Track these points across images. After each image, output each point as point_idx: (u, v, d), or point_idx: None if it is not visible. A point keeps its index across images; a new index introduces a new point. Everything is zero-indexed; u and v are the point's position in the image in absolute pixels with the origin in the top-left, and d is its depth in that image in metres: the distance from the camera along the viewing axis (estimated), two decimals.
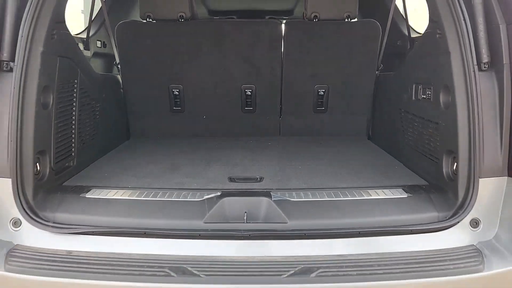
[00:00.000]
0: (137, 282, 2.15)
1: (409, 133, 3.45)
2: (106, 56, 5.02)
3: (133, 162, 3.54)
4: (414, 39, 4.39)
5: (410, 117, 3.43)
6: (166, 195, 2.70)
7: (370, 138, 4.57)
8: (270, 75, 4.37)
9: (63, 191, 2.77)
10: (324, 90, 4.41)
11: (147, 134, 4.53)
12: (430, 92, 3.02)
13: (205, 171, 3.27)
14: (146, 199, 2.67)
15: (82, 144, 3.30)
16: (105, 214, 2.53)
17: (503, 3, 2.45)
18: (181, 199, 2.67)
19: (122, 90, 4.46)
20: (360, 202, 2.64)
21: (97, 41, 4.87)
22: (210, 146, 4.09)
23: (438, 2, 2.64)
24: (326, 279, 2.16)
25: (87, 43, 4.42)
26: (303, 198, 2.68)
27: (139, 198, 2.69)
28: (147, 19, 4.08)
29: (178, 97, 4.40)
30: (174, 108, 4.46)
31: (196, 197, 2.67)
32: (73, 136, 3.15)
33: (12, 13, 2.47)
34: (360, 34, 4.26)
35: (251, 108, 4.49)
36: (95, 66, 4.26)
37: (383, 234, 2.41)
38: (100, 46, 4.94)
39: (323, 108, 4.49)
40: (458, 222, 2.44)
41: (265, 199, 2.55)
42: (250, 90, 4.41)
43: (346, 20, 4.08)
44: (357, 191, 2.75)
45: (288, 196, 2.67)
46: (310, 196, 2.70)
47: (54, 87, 2.81)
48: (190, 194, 2.71)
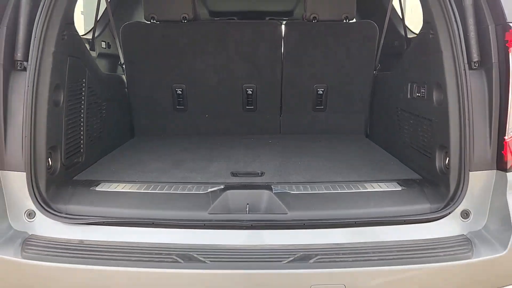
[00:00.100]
0: (146, 267, 2.26)
1: (405, 130, 3.51)
2: (110, 56, 5.07)
3: (139, 158, 3.62)
4: (410, 39, 4.42)
5: (406, 115, 3.49)
6: (172, 188, 2.80)
7: (368, 136, 4.61)
8: (271, 75, 4.41)
9: (74, 185, 2.88)
10: (323, 89, 4.46)
11: (151, 132, 4.57)
12: (424, 90, 3.10)
13: (208, 166, 3.34)
14: (153, 192, 2.77)
15: (90, 141, 3.38)
16: (114, 206, 2.63)
17: (492, 5, 2.52)
18: (186, 192, 2.77)
19: (126, 90, 4.51)
20: (356, 195, 2.73)
21: (101, 41, 4.92)
22: (212, 143, 4.14)
23: (431, 4, 2.73)
24: (324, 265, 2.27)
25: (92, 44, 4.45)
26: (302, 191, 2.77)
27: (147, 191, 2.78)
28: (151, 20, 4.13)
29: (181, 96, 4.45)
30: (177, 106, 4.50)
31: (201, 190, 2.76)
32: (81, 133, 3.24)
33: (25, 15, 2.56)
34: (358, 34, 4.30)
35: (252, 107, 4.54)
36: (100, 67, 4.29)
37: (378, 224, 2.50)
38: (105, 47, 4.99)
39: (322, 107, 4.54)
40: (450, 213, 2.53)
41: (266, 191, 2.64)
42: (251, 89, 4.46)
43: (344, 21, 4.13)
44: (353, 184, 2.84)
45: (288, 189, 2.76)
46: (309, 189, 2.79)
47: (64, 85, 2.89)
48: (195, 187, 2.81)
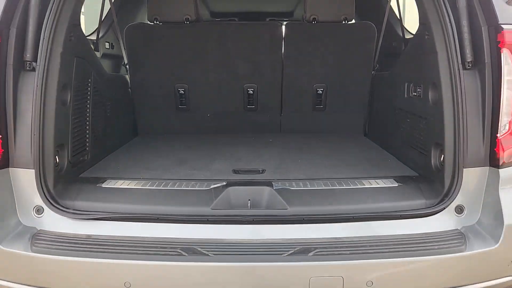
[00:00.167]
0: (152, 260, 2.34)
1: (402, 129, 3.57)
2: (113, 57, 5.13)
3: (142, 156, 3.69)
4: (408, 40, 4.45)
5: (403, 114, 3.55)
6: (176, 185, 2.88)
7: (366, 135, 4.65)
8: (271, 75, 4.47)
9: (80, 182, 2.96)
10: (322, 89, 4.51)
11: (154, 131, 4.62)
12: (420, 89, 3.17)
13: (210, 164, 3.40)
14: (157, 189, 2.84)
15: (95, 140, 3.45)
16: (120, 202, 2.70)
17: (485, 8, 2.59)
18: (190, 188, 2.84)
19: (130, 89, 4.57)
20: (354, 191, 2.81)
21: (105, 42, 4.98)
22: (214, 142, 4.19)
23: (426, 6, 2.80)
24: (322, 258, 2.35)
25: (96, 45, 4.52)
26: (302, 187, 2.84)
27: (151, 187, 2.86)
28: (155, 22, 4.20)
29: (183, 95, 4.50)
30: (180, 106, 4.55)
31: (204, 186, 2.84)
32: (87, 131, 3.31)
33: (34, 17, 2.64)
34: (356, 35, 4.36)
35: (253, 106, 4.59)
36: (104, 67, 4.34)
37: (375, 219, 2.58)
38: (108, 48, 5.05)
39: (322, 106, 4.59)
40: (444, 208, 2.60)
41: (267, 188, 2.72)
42: (252, 89, 4.51)
43: (344, 22, 4.18)
44: (351, 181, 2.91)
45: (288, 186, 2.84)
46: (309, 185, 2.87)
47: (71, 85, 2.97)
48: (198, 184, 2.89)
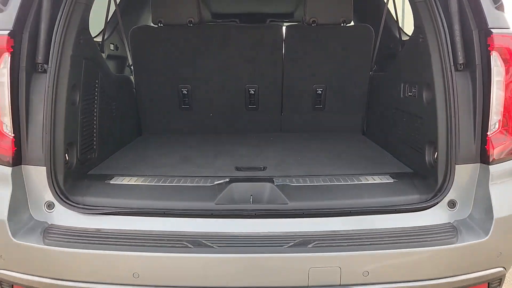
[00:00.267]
0: (159, 252, 2.46)
1: (398, 127, 3.67)
2: (118, 58, 5.22)
3: (147, 155, 3.79)
4: (404, 42, 4.52)
5: (399, 113, 3.66)
6: (181, 181, 2.99)
7: (365, 133, 4.73)
8: (272, 75, 4.54)
9: (89, 178, 3.07)
10: (322, 89, 4.59)
11: (158, 131, 4.71)
12: (415, 90, 3.28)
13: (214, 162, 3.51)
14: (163, 185, 2.96)
15: (101, 138, 3.55)
16: (128, 197, 2.82)
17: (476, 13, 2.71)
18: (194, 184, 2.96)
19: (134, 90, 4.65)
20: (351, 186, 2.92)
21: (110, 44, 5.07)
22: (216, 141, 4.28)
23: (420, 11, 2.92)
24: (321, 249, 2.47)
25: (102, 46, 4.56)
26: (301, 183, 2.96)
27: (158, 184, 2.97)
28: (159, 24, 4.27)
29: (186, 96, 4.58)
30: (183, 106, 4.63)
31: (208, 183, 2.95)
32: (94, 130, 3.42)
33: (46, 22, 2.75)
34: (355, 37, 4.44)
35: (255, 106, 4.67)
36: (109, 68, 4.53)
37: (371, 213, 2.70)
38: (113, 49, 5.14)
39: (321, 106, 4.66)
40: (437, 203, 2.72)
41: (268, 184, 2.83)
42: (254, 90, 4.58)
43: (342, 24, 4.26)
44: (349, 177, 3.03)
45: (288, 182, 2.95)
46: (308, 181, 2.98)
47: (80, 86, 3.08)
48: (202, 180, 3.00)
